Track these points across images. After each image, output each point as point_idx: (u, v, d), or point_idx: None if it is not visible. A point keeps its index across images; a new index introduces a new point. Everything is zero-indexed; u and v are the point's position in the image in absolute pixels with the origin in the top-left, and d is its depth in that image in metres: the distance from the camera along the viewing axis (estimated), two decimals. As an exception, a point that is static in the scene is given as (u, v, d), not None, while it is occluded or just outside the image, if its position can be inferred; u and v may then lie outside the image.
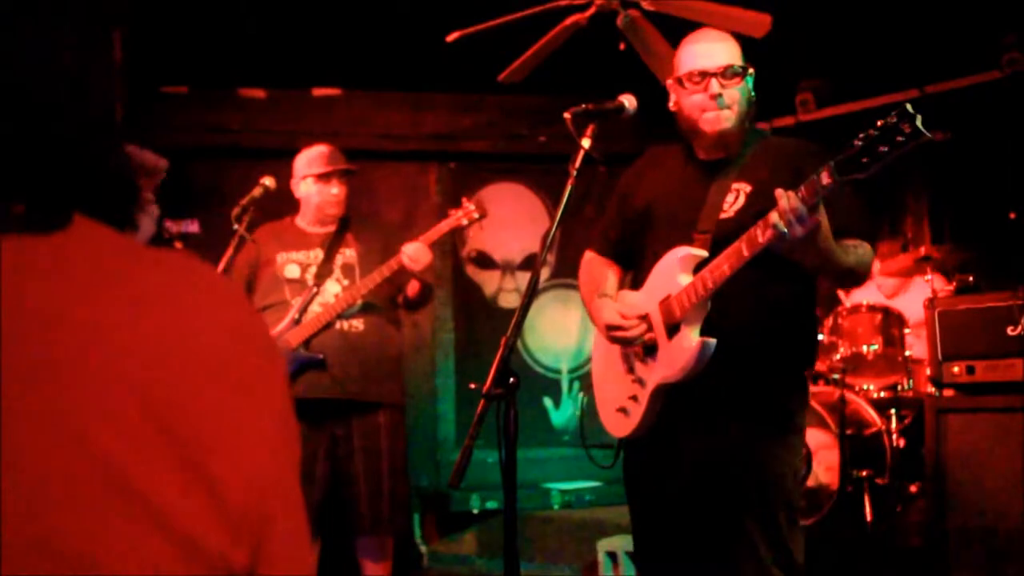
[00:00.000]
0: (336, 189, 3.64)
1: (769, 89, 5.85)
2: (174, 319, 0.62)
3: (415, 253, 3.41)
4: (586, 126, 2.21)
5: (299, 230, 3.68)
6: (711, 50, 2.35)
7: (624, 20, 4.19)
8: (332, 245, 3.62)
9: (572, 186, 2.18)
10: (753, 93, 2.40)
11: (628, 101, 2.34)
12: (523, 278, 6.24)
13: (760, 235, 2.08)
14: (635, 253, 2.52)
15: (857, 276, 2.28)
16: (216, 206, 4.00)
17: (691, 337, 2.24)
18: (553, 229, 2.20)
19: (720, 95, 2.31)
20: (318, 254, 3.60)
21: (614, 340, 2.42)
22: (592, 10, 4.15)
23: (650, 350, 2.36)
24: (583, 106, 2.25)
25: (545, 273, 6.02)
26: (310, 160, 3.67)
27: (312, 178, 3.64)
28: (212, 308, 0.64)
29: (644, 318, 2.35)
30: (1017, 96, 5.10)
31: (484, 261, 6.27)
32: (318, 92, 5.75)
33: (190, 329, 0.62)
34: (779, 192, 2.01)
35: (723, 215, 2.31)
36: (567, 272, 5.78)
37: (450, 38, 4.20)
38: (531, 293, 2.09)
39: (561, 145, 2.32)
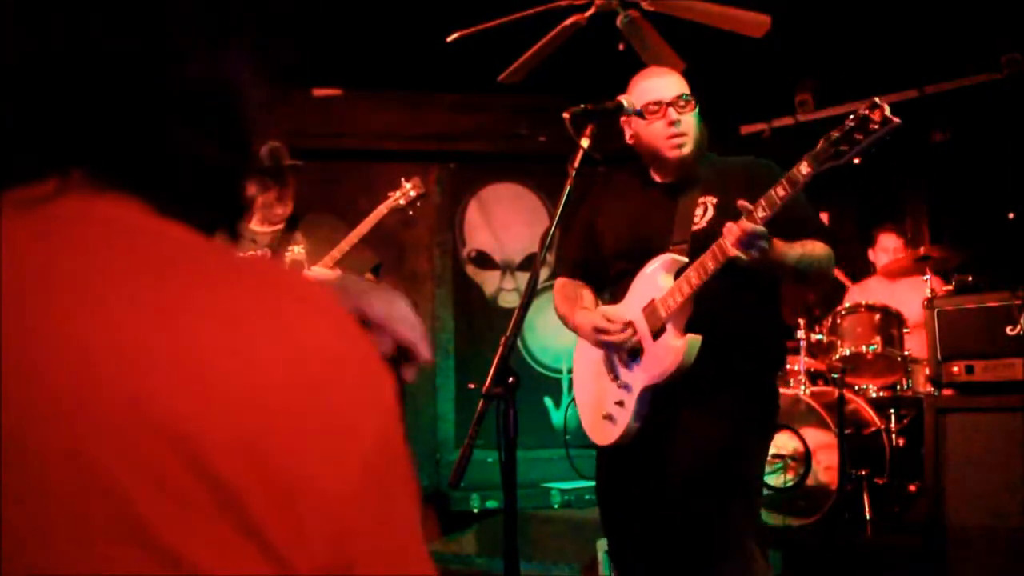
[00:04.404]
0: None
1: (769, 89, 5.89)
2: (238, 345, 0.51)
3: (316, 276, 3.25)
4: (585, 126, 2.22)
5: (248, 231, 3.54)
6: (663, 83, 2.49)
7: (624, 20, 4.20)
8: (280, 244, 3.52)
9: (572, 186, 2.18)
10: (702, 123, 2.53)
11: (627, 101, 2.36)
12: (523, 278, 6.25)
13: (727, 248, 2.23)
14: (604, 276, 2.64)
15: (812, 274, 2.39)
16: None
17: (678, 335, 2.34)
18: (553, 229, 2.20)
19: (677, 121, 2.42)
20: (265, 255, 3.48)
21: (602, 343, 2.49)
22: (592, 10, 4.15)
23: (634, 355, 2.45)
24: (582, 106, 2.26)
25: (545, 273, 6.01)
26: None
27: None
28: (290, 332, 0.53)
29: (628, 324, 2.44)
30: (1017, 96, 5.10)
31: (484, 261, 6.27)
32: (318, 92, 5.76)
33: (258, 358, 0.51)
34: (727, 227, 2.21)
35: (696, 227, 2.44)
36: (567, 272, 5.79)
37: (450, 38, 4.20)
38: (531, 293, 2.10)
39: (561, 145, 2.32)
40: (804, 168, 2.15)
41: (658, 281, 2.41)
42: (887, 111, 2.08)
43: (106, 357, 0.49)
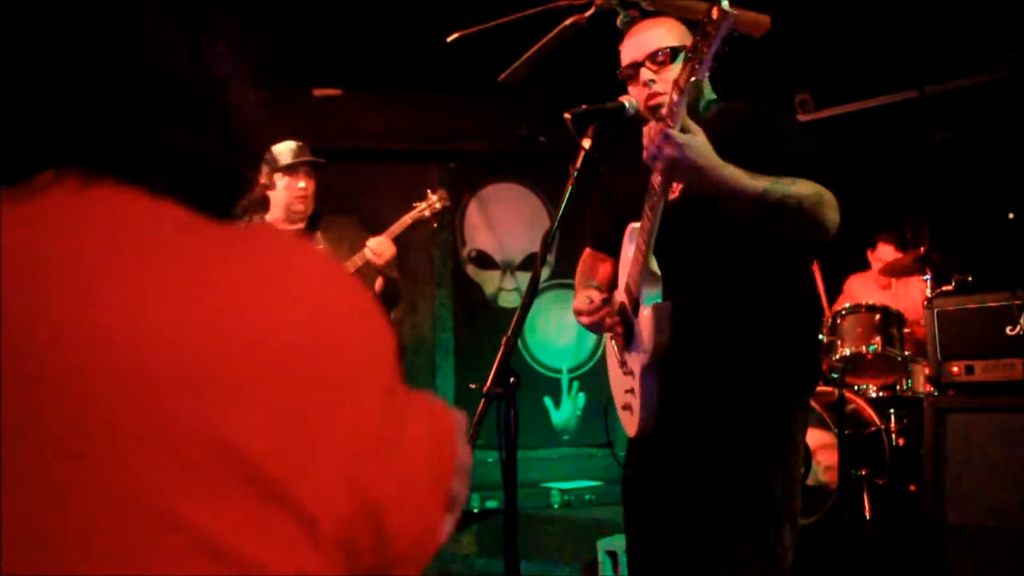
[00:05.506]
0: (303, 183, 3.56)
1: (769, 89, 5.88)
2: (241, 315, 0.52)
3: (378, 247, 3.42)
4: (587, 127, 2.20)
5: None
6: (639, 40, 2.32)
7: (624, 20, 4.19)
8: None
9: (572, 186, 2.17)
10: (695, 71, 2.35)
11: (629, 102, 2.33)
12: (523, 278, 6.25)
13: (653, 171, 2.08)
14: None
15: (791, 210, 2.05)
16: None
17: (645, 307, 2.21)
18: (553, 229, 2.20)
19: (651, 80, 2.26)
20: None
21: (586, 327, 2.42)
22: (592, 10, 4.15)
23: (629, 337, 2.33)
24: (584, 107, 2.23)
25: (545, 273, 6.02)
26: (277, 155, 3.60)
27: (279, 173, 3.57)
28: (293, 297, 0.54)
29: (606, 302, 2.36)
30: (1017, 96, 5.10)
31: (484, 261, 6.27)
32: (318, 92, 5.75)
33: (261, 325, 0.52)
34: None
35: (672, 195, 2.27)
36: (567, 272, 5.77)
37: (450, 38, 4.20)
38: (532, 293, 2.09)
39: (561, 145, 2.31)
40: (674, 96, 1.98)
41: (628, 255, 2.29)
42: (724, 4, 1.85)
43: (116, 334, 0.49)
